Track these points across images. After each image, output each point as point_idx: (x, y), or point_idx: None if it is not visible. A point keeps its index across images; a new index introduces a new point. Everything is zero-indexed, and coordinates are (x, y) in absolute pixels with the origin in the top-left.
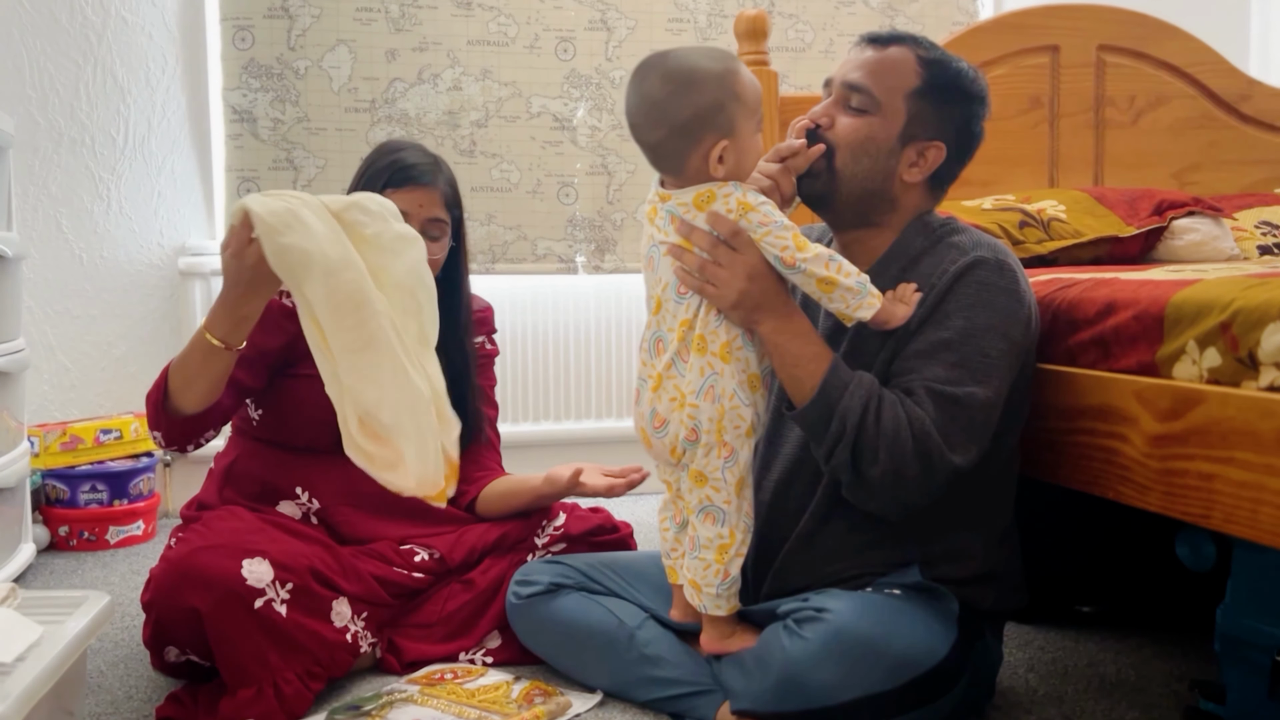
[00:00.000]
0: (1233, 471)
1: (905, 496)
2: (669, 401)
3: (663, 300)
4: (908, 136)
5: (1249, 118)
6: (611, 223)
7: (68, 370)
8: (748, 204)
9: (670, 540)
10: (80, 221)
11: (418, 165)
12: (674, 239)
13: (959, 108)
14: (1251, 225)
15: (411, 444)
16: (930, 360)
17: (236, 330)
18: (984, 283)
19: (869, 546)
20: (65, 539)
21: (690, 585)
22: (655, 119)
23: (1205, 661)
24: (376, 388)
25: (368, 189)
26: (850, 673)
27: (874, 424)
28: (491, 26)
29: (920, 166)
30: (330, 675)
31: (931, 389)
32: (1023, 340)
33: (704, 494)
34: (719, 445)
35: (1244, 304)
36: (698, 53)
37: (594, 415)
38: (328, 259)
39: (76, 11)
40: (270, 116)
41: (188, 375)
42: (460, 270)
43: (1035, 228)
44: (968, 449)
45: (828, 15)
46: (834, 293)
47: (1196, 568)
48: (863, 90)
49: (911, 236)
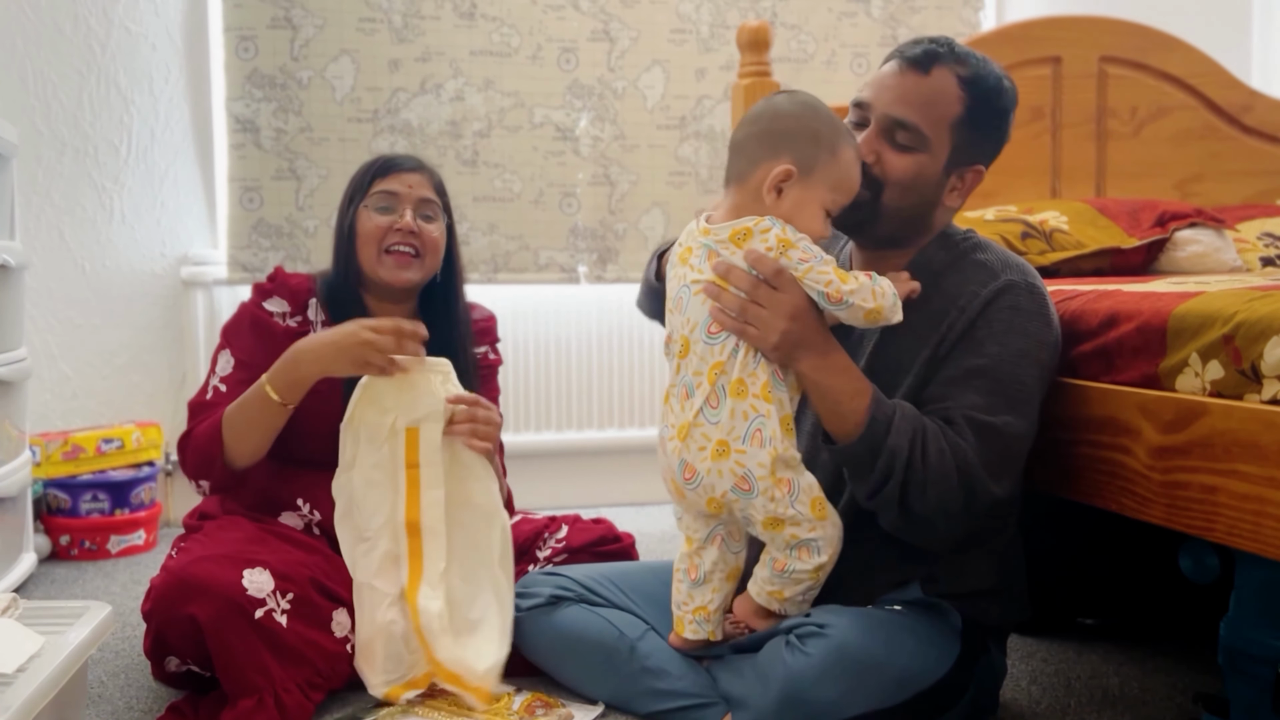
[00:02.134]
0: (1235, 484)
1: (949, 528)
2: (698, 451)
3: (691, 342)
4: (953, 166)
5: (1251, 129)
6: (614, 233)
7: (69, 379)
8: (788, 240)
9: (684, 593)
10: (83, 231)
11: (403, 156)
12: (709, 277)
13: (998, 126)
14: (1254, 236)
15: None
16: (965, 388)
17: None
18: (1017, 308)
19: (874, 565)
20: (66, 548)
21: (772, 596)
22: (755, 117)
23: (1208, 674)
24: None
25: (355, 191)
26: (853, 689)
27: (920, 459)
28: (494, 37)
29: (960, 191)
30: (331, 686)
31: (971, 418)
32: (1050, 364)
33: (786, 535)
34: (775, 485)
35: (1247, 317)
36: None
37: (596, 425)
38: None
39: (80, 21)
40: (273, 126)
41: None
42: (455, 279)
43: (1037, 239)
44: (1006, 479)
45: (830, 26)
46: (878, 320)
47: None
48: (910, 128)
49: (933, 251)
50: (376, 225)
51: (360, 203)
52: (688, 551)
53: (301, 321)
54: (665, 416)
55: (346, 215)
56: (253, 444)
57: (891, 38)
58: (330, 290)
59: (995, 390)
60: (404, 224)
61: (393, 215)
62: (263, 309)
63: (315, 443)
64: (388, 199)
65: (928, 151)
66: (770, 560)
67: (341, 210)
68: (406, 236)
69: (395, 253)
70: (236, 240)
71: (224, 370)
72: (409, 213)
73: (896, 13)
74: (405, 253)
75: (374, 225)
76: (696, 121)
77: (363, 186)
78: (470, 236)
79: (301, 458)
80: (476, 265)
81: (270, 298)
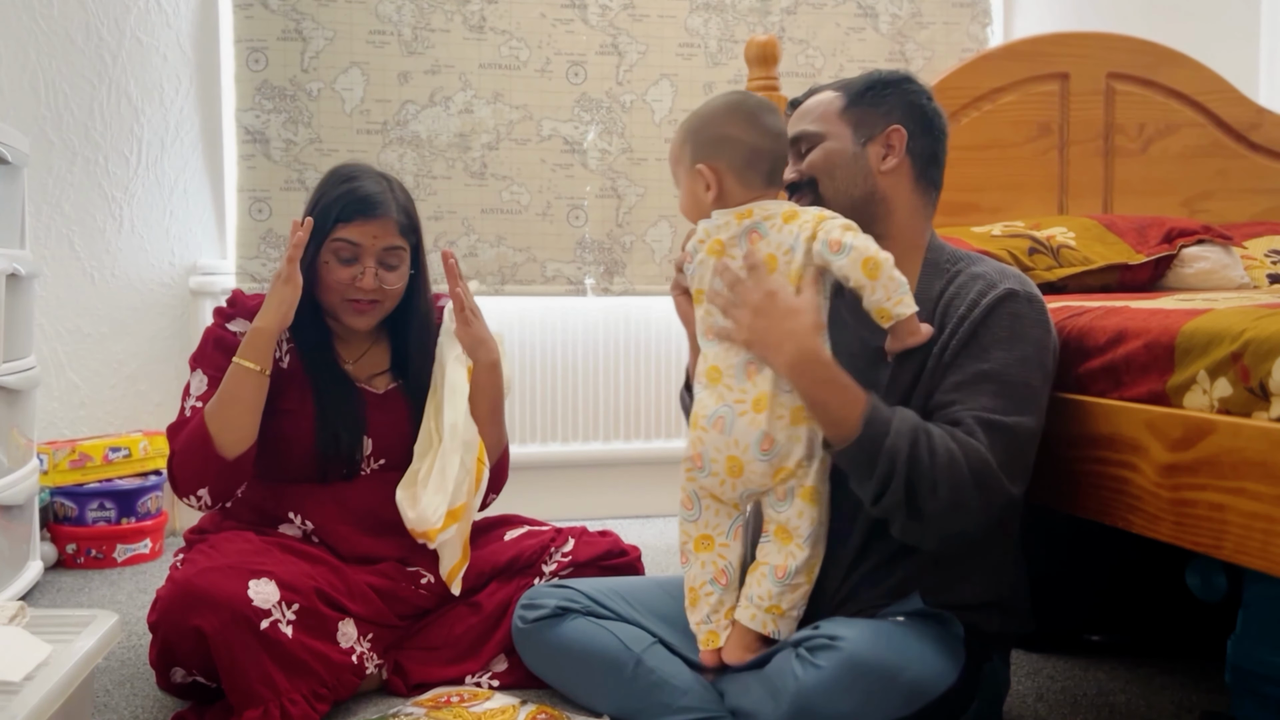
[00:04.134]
0: (1244, 502)
1: (965, 527)
2: (777, 420)
3: None
4: (862, 139)
5: (1259, 146)
6: (621, 245)
7: (77, 388)
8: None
9: (714, 603)
10: (92, 240)
11: (369, 197)
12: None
13: (893, 94)
14: (1261, 254)
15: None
16: (974, 391)
17: (264, 353)
18: (1018, 314)
19: (875, 577)
20: (73, 557)
21: (770, 612)
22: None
23: (1216, 693)
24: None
25: (321, 220)
26: (866, 701)
27: (927, 456)
28: (503, 50)
29: (892, 154)
30: (336, 697)
31: (981, 418)
32: (1052, 369)
33: (815, 514)
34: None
35: (1255, 334)
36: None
37: (603, 437)
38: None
39: (92, 32)
40: (283, 137)
41: (226, 408)
42: (420, 296)
43: (1045, 254)
44: (1021, 478)
45: (838, 41)
46: (879, 279)
47: (1207, 598)
48: (801, 136)
49: (929, 281)
50: (338, 279)
51: (323, 244)
52: (710, 557)
53: None
54: (721, 396)
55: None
56: (241, 424)
57: (899, 53)
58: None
59: (1003, 393)
60: (364, 283)
61: (354, 268)
62: (227, 330)
63: (298, 465)
64: (351, 249)
65: (827, 140)
66: (771, 569)
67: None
68: (367, 292)
69: (354, 302)
70: (245, 250)
71: (199, 389)
72: (371, 267)
73: (904, 28)
74: (366, 302)
75: (335, 279)
76: None
77: (324, 226)
78: (478, 248)
79: (286, 478)
80: (484, 277)
81: (233, 319)
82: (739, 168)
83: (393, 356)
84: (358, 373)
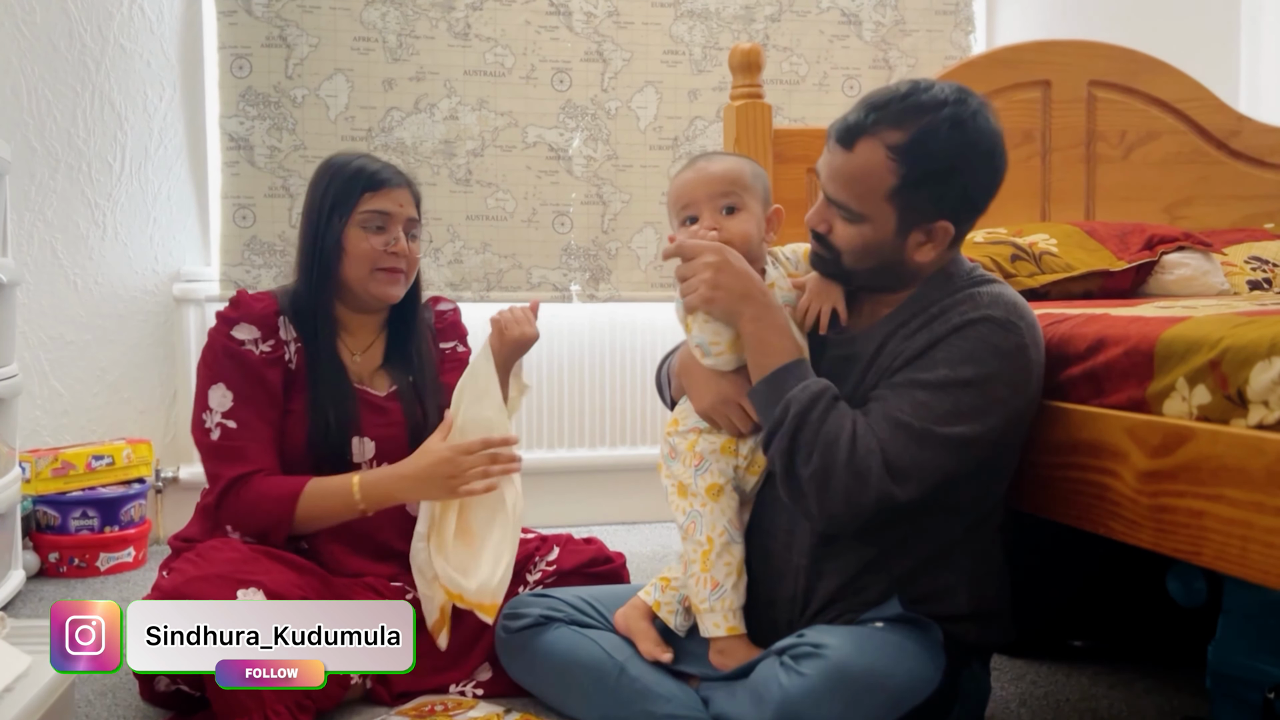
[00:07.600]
0: (1222, 509)
1: (831, 506)
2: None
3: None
4: (905, 228)
5: (1239, 153)
6: (606, 252)
7: (60, 396)
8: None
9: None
10: (75, 247)
11: (385, 168)
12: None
13: (949, 185)
14: (1241, 260)
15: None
16: (901, 393)
17: (381, 505)
18: (983, 338)
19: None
20: (55, 565)
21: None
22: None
23: (1197, 697)
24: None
25: (339, 204)
26: (852, 708)
27: (817, 421)
28: (488, 57)
29: (932, 244)
30: (320, 707)
31: (890, 416)
32: (1011, 400)
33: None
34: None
35: (1233, 342)
36: None
37: (588, 444)
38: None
39: (75, 39)
40: (267, 144)
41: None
42: (417, 282)
43: (1027, 261)
44: (911, 484)
45: (822, 49)
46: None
47: (1188, 604)
48: (841, 205)
49: (930, 290)
50: (371, 246)
51: (348, 218)
52: (725, 504)
53: (275, 345)
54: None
55: (327, 228)
56: (321, 527)
57: (883, 60)
58: (298, 304)
59: (931, 402)
60: (399, 247)
61: (385, 235)
62: (232, 339)
63: (292, 468)
64: (380, 219)
65: (869, 223)
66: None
67: (316, 220)
68: (399, 259)
69: (387, 270)
70: (229, 257)
71: (224, 406)
72: (401, 235)
73: (888, 36)
74: (397, 270)
75: (368, 246)
76: (689, 142)
77: (348, 200)
78: (463, 255)
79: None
80: (469, 284)
81: (237, 325)
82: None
83: (388, 352)
84: (361, 368)
